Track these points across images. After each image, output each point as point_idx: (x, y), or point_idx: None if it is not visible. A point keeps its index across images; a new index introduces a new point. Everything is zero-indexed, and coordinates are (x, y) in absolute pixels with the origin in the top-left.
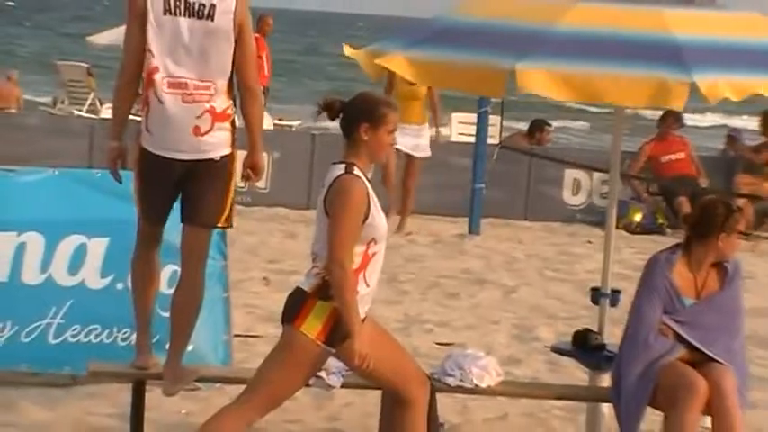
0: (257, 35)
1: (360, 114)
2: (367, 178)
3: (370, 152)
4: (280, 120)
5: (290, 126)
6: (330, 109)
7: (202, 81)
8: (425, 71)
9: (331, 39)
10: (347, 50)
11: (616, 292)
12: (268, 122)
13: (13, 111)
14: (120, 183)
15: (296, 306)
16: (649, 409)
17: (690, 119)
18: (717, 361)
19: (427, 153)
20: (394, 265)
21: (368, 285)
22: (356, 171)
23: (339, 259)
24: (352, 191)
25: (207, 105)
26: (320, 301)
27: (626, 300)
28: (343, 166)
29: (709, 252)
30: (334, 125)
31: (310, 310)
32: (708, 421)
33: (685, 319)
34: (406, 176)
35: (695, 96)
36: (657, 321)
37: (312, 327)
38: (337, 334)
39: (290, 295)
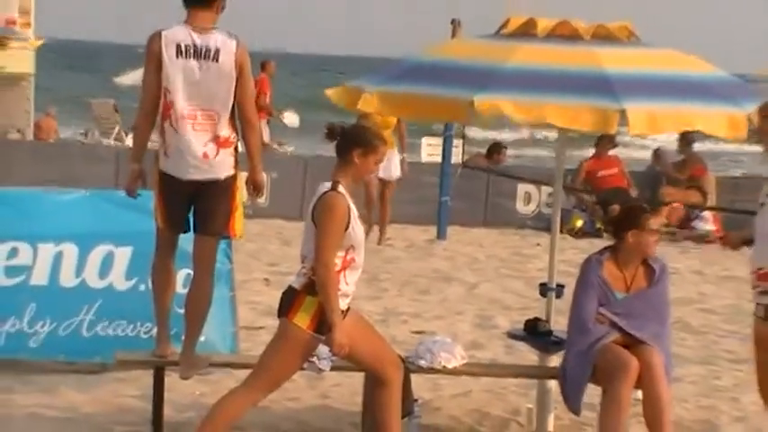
0: (263, 76)
1: (356, 141)
2: (349, 194)
3: (356, 174)
4: (279, 144)
5: (287, 151)
6: (331, 131)
7: (209, 113)
8: (397, 104)
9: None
10: (328, 92)
11: (561, 286)
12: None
13: (51, 141)
14: (135, 198)
15: (288, 302)
16: (591, 386)
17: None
18: (646, 344)
19: (398, 174)
20: (374, 266)
21: (347, 284)
22: (340, 188)
23: (324, 262)
24: (337, 205)
25: (213, 134)
26: (309, 297)
27: (569, 293)
28: (329, 183)
29: (627, 249)
30: (324, 151)
31: (301, 304)
32: (639, 394)
33: (618, 310)
34: (382, 195)
35: None
36: (594, 312)
37: (303, 319)
38: (325, 324)
39: (283, 293)
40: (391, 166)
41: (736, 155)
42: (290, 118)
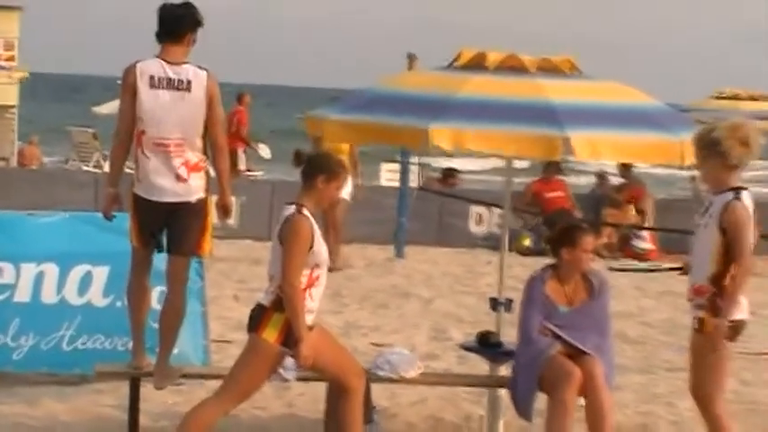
0: (240, 108)
1: (321, 167)
2: (313, 216)
3: (319, 198)
4: (248, 170)
5: (255, 175)
6: (298, 158)
7: (181, 140)
8: (356, 131)
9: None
10: (300, 121)
11: (510, 301)
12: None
13: (34, 167)
14: (112, 221)
15: (257, 318)
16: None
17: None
18: (588, 354)
19: (348, 199)
20: (336, 282)
21: (313, 300)
22: (305, 211)
23: (290, 280)
24: (301, 227)
25: (184, 159)
26: (276, 313)
27: (518, 307)
28: (294, 207)
29: (564, 265)
30: (290, 177)
31: (269, 320)
32: (583, 401)
33: (561, 323)
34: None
35: None
36: (539, 325)
37: (271, 333)
38: (291, 338)
39: (252, 309)
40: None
41: (675, 178)
42: (264, 150)
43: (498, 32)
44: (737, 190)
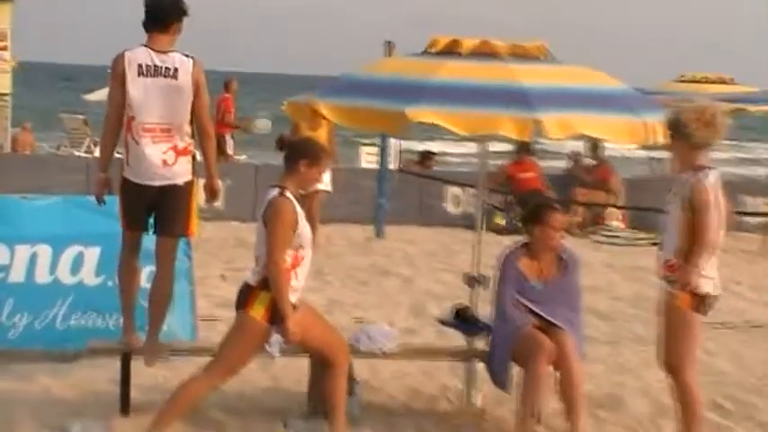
0: (227, 95)
1: (304, 152)
2: (297, 199)
3: (302, 182)
4: (233, 154)
5: (239, 159)
6: (282, 142)
7: (168, 126)
8: (340, 114)
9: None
10: (283, 106)
11: (485, 277)
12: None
13: (28, 153)
14: (104, 205)
15: (245, 296)
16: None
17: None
18: (559, 327)
19: (329, 188)
20: (319, 261)
21: (298, 279)
22: (287, 194)
23: (275, 260)
24: (284, 209)
25: (172, 144)
26: (263, 292)
27: (493, 283)
28: (277, 189)
29: (536, 242)
30: (273, 160)
31: (256, 298)
32: (555, 372)
33: (534, 298)
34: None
35: None
36: (513, 300)
37: (257, 311)
38: (277, 315)
39: (240, 288)
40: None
41: (644, 159)
42: (262, 123)
43: (472, 22)
44: (703, 169)
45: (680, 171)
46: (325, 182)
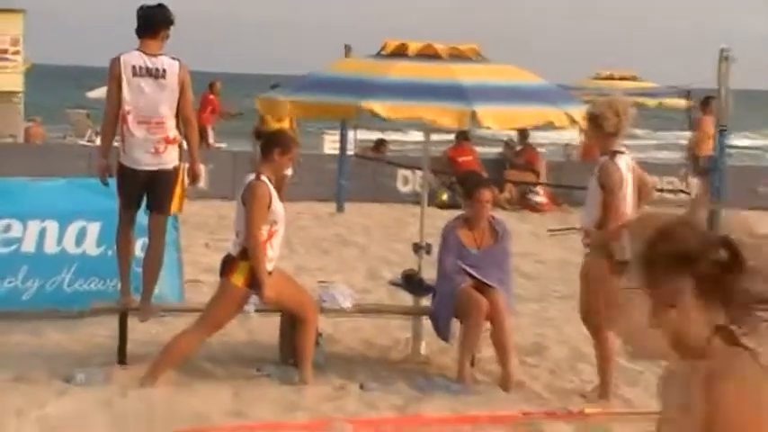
0: (211, 96)
1: (277, 143)
2: (271, 182)
3: (276, 167)
4: (214, 142)
5: (219, 147)
6: (258, 134)
7: (158, 119)
8: (303, 108)
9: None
10: (256, 102)
11: (429, 245)
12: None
13: (38, 143)
14: (107, 186)
15: (227, 265)
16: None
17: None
18: (492, 287)
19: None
20: (288, 232)
21: (273, 250)
22: (263, 178)
23: (253, 234)
24: (260, 191)
25: (161, 135)
26: (243, 262)
27: (436, 251)
28: (254, 174)
29: (470, 214)
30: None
31: (237, 267)
32: (489, 325)
33: (471, 263)
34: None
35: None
36: (453, 264)
37: (238, 278)
38: (255, 281)
39: (223, 258)
40: None
41: (559, 145)
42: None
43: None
44: (614, 153)
45: (600, 155)
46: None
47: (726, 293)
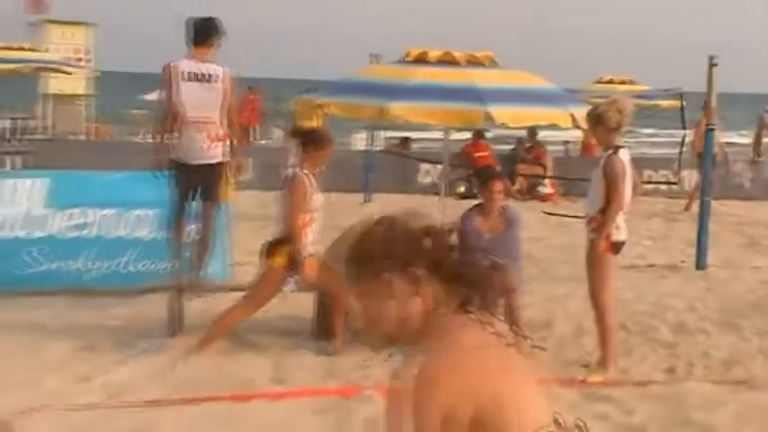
0: (252, 97)
1: (314, 139)
2: (310, 175)
3: (313, 161)
4: (258, 139)
5: (264, 143)
6: (295, 132)
7: (207, 119)
8: (338, 108)
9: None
10: (292, 103)
11: None
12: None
13: (104, 140)
14: (161, 178)
15: (269, 248)
16: None
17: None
18: None
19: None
20: (323, 221)
21: (310, 236)
22: (302, 171)
23: (293, 222)
24: (300, 183)
25: (210, 133)
26: (283, 246)
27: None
28: (295, 168)
29: (484, 204)
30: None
31: (277, 250)
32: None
33: (485, 246)
34: None
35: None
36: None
37: (279, 260)
38: (294, 263)
39: (265, 243)
40: None
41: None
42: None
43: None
44: (617, 148)
45: (603, 149)
46: None
47: (449, 273)
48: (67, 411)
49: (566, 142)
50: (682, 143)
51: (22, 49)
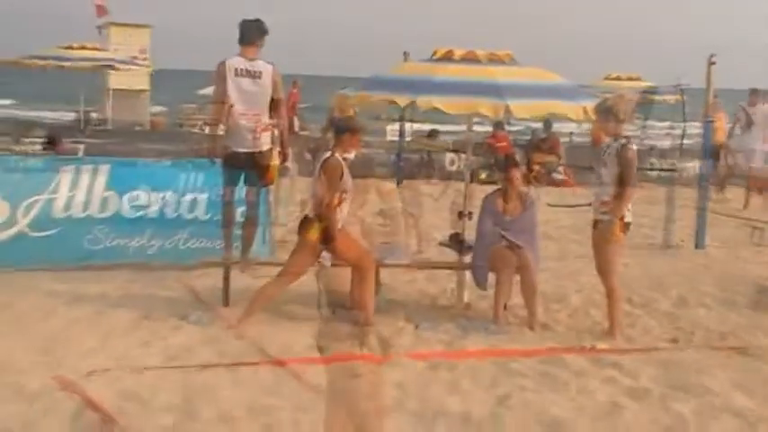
0: (293, 91)
1: (347, 127)
2: (343, 159)
3: (346, 147)
4: (302, 129)
5: (303, 133)
6: (332, 121)
7: (255, 111)
8: (370, 102)
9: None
10: (334, 99)
11: (471, 213)
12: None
13: (161, 131)
14: (214, 164)
15: (304, 224)
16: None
17: None
18: (521, 247)
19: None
20: (354, 205)
21: (342, 212)
22: (336, 155)
23: (327, 200)
24: (333, 165)
25: (258, 124)
26: (317, 222)
27: (476, 217)
28: (329, 152)
29: (504, 188)
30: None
31: (312, 226)
32: (518, 278)
33: (505, 227)
34: None
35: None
36: (489, 228)
37: (313, 235)
38: (327, 237)
39: (301, 219)
40: None
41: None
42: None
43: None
44: (628, 138)
45: (612, 139)
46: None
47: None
48: (130, 373)
49: (570, 134)
50: (683, 135)
51: (96, 48)
